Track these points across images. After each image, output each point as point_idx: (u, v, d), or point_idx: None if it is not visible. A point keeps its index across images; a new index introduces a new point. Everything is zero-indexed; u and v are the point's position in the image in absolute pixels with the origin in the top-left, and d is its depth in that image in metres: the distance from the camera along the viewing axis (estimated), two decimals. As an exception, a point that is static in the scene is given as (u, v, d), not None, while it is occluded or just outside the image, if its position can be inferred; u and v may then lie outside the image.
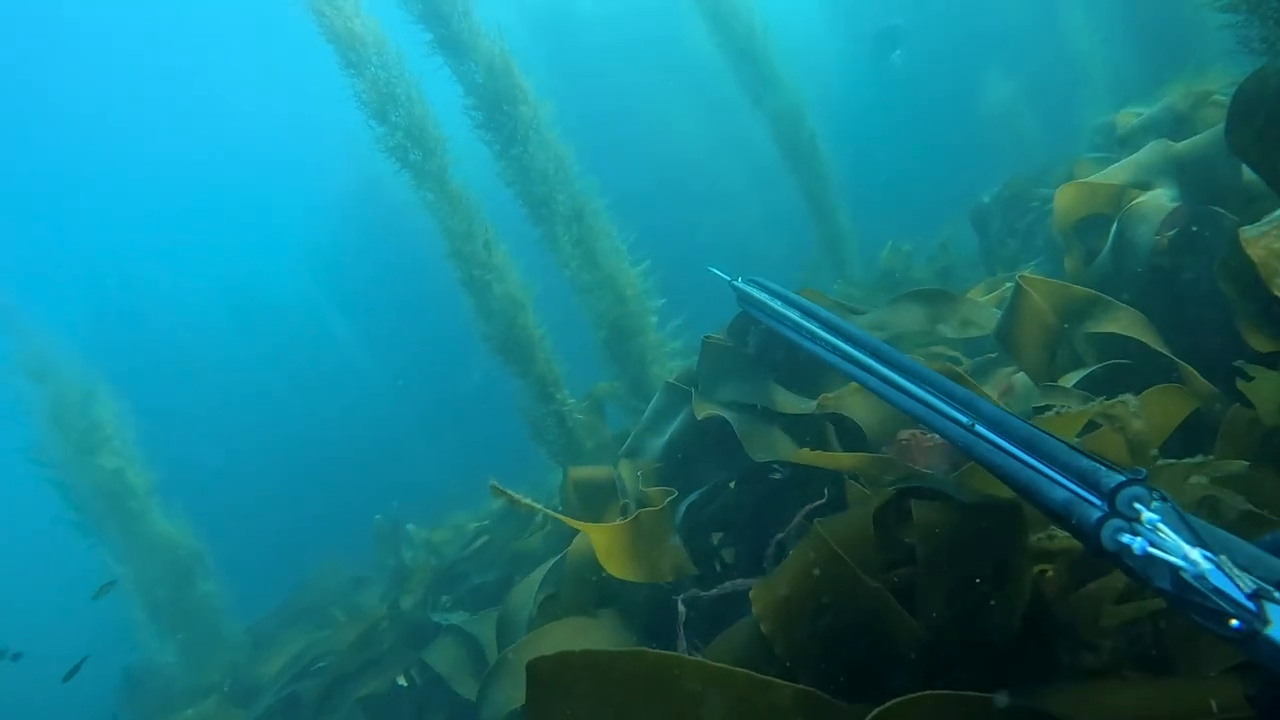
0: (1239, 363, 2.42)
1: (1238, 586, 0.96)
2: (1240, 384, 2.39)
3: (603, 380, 6.64)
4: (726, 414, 3.13)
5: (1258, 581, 0.97)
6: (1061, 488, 1.17)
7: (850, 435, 3.03)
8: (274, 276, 24.16)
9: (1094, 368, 3.08)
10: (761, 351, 3.55)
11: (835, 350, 1.75)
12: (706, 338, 3.60)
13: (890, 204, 12.34)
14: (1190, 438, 2.47)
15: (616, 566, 2.77)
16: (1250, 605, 0.95)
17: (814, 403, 3.07)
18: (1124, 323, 3.17)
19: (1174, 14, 8.13)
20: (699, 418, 3.24)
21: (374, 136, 5.97)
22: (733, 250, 13.30)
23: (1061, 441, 1.24)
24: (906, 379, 1.52)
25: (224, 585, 9.47)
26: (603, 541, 2.79)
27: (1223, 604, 0.96)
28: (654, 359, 6.36)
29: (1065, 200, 4.18)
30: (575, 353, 6.98)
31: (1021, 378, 3.32)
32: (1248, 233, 1.45)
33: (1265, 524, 1.83)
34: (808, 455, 2.66)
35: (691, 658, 1.33)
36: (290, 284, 23.53)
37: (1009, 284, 4.27)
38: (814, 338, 1.89)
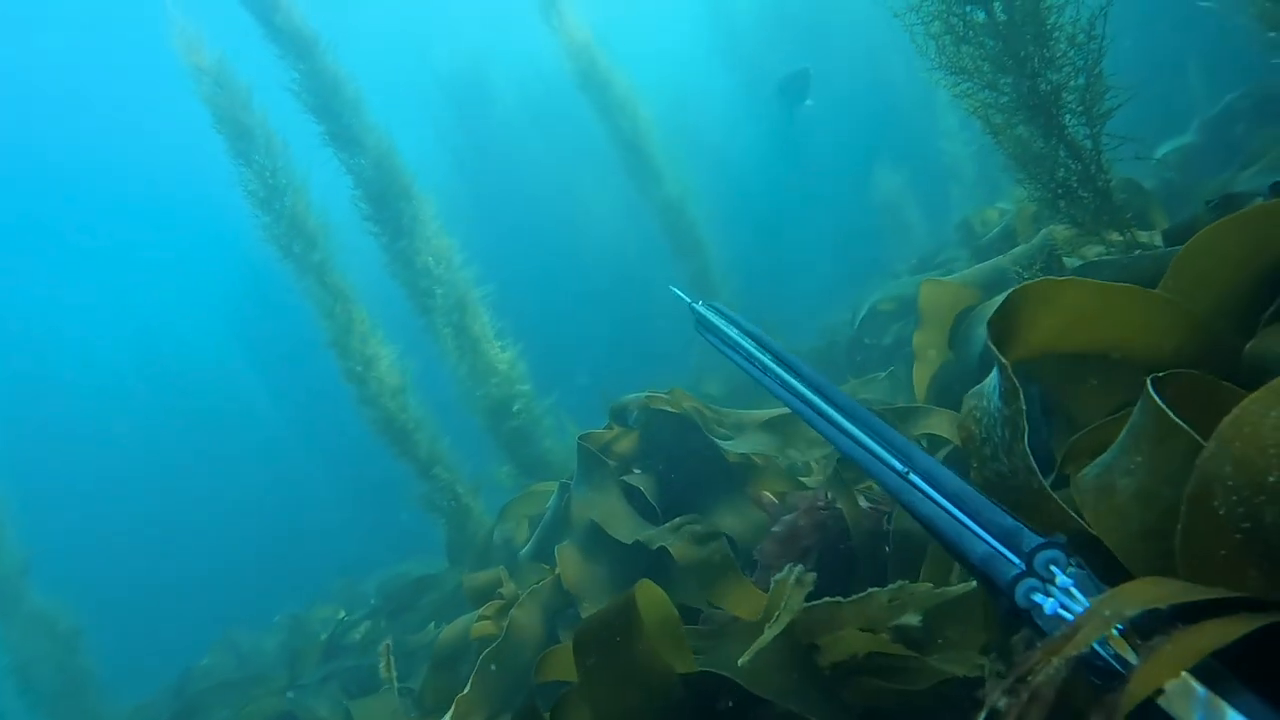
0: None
1: (1138, 652, 1.02)
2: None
3: (485, 454, 6.84)
4: (571, 552, 3.19)
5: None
6: (983, 543, 1.22)
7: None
8: (185, 334, 23.60)
9: (949, 447, 3.38)
10: (644, 450, 3.46)
11: (782, 384, 1.79)
12: (581, 437, 3.49)
13: (785, 279, 12.91)
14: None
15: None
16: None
17: (651, 531, 3.07)
18: (937, 424, 3.52)
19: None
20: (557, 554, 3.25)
21: (259, 225, 6.07)
22: (632, 324, 13.62)
23: (989, 500, 1.29)
24: (848, 420, 1.57)
25: (114, 662, 9.13)
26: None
27: (1122, 669, 1.00)
28: (527, 439, 6.58)
29: (925, 302, 4.51)
30: (466, 428, 7.17)
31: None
32: (967, 402, 1.71)
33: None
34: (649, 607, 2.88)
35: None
36: (202, 341, 23.01)
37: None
38: (764, 369, 2.02)
